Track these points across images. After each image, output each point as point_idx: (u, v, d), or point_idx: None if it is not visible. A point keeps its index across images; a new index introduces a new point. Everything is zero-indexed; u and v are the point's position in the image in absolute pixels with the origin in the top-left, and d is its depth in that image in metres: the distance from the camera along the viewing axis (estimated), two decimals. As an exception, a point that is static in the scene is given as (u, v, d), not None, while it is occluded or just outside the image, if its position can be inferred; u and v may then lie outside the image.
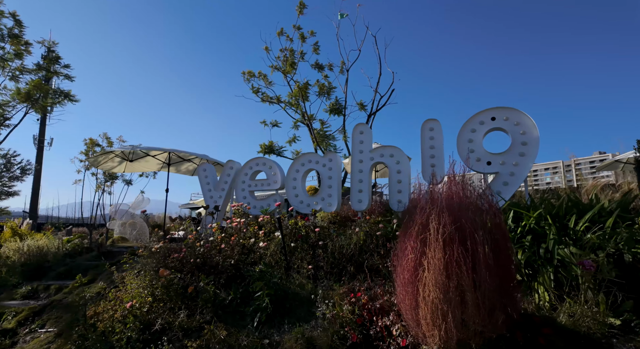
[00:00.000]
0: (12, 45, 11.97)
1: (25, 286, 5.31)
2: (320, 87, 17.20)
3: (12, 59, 12.24)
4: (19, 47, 12.10)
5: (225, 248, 4.01)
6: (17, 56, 12.20)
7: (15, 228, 9.57)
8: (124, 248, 6.78)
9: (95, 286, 4.93)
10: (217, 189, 6.39)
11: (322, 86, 17.15)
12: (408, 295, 1.99)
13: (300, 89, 17.33)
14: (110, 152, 11.78)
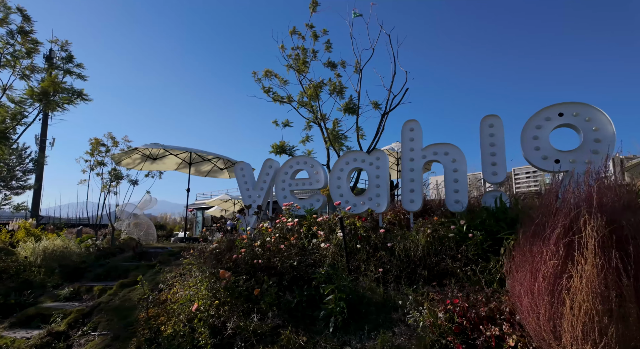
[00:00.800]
0: (23, 42, 11.87)
1: (67, 288, 5.20)
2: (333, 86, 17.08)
3: (24, 57, 12.17)
4: (28, 45, 12.01)
5: (284, 249, 3.85)
6: (27, 54, 12.13)
7: (29, 228, 9.46)
8: (160, 249, 6.66)
9: (141, 288, 4.80)
10: (255, 189, 6.24)
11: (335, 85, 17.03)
12: (543, 305, 1.80)
13: (314, 87, 17.22)
14: (133, 150, 11.71)
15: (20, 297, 5.02)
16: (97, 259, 6.51)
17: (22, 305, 4.86)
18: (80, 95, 14.29)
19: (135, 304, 4.38)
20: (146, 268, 5.48)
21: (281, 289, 3.65)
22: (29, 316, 4.53)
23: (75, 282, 5.55)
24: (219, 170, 13.77)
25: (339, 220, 3.82)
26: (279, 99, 19.52)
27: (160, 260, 5.77)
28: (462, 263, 3.42)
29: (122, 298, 4.62)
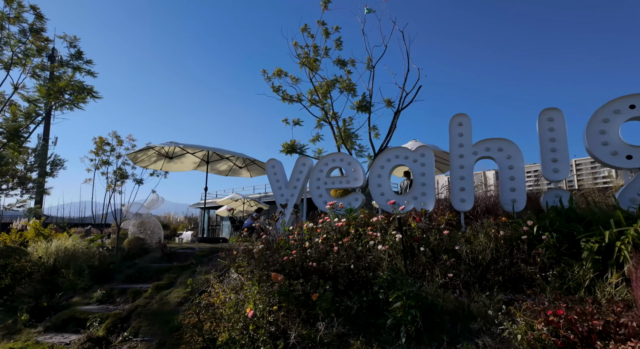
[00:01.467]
0: (34, 41, 11.73)
1: (99, 290, 5.00)
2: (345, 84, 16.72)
3: (35, 55, 12.04)
4: (39, 43, 11.87)
5: (337, 251, 3.60)
6: (38, 52, 11.99)
7: (39, 228, 9.34)
8: (189, 249, 6.46)
9: (177, 291, 4.59)
10: (288, 187, 6.00)
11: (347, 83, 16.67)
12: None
13: (327, 85, 16.89)
14: (149, 149, 11.55)
15: (52, 299, 4.84)
16: (123, 260, 6.32)
17: (54, 308, 4.67)
18: (90, 92, 14.17)
19: (175, 308, 4.17)
20: (179, 270, 5.27)
21: (337, 294, 3.41)
22: (64, 319, 4.34)
23: (106, 284, 5.36)
24: (238, 169, 13.57)
25: (397, 220, 3.56)
26: (288, 97, 19.27)
27: (193, 261, 5.57)
28: (537, 268, 3.14)
29: (159, 301, 4.41)
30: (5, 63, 11.50)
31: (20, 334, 4.24)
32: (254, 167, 13.67)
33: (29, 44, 11.68)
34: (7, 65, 11.53)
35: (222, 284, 4.53)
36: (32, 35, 11.71)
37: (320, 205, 5.65)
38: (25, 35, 11.69)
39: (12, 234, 9.04)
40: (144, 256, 6.58)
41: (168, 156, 12.10)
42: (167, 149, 11.82)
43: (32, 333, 4.20)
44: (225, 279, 4.65)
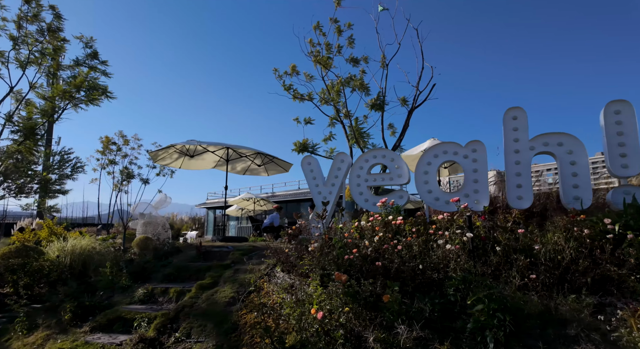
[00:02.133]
0: (51, 40, 11.68)
1: (140, 289, 4.89)
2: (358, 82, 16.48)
3: (52, 54, 12.01)
4: (56, 43, 11.81)
5: (400, 250, 3.42)
6: (55, 52, 11.94)
7: (52, 227, 9.42)
8: (224, 248, 6.33)
9: (224, 290, 4.45)
10: (326, 185, 5.83)
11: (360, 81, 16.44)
12: None
13: (341, 83, 16.68)
14: (171, 147, 11.48)
15: (93, 298, 4.74)
16: (157, 259, 6.22)
17: (97, 307, 4.58)
18: (105, 92, 14.11)
19: (225, 309, 4.03)
20: (220, 269, 5.14)
21: (405, 295, 3.24)
22: (110, 319, 4.24)
23: (144, 283, 5.25)
24: (256, 167, 13.45)
25: (467, 218, 3.37)
26: (299, 96, 19.09)
27: (233, 260, 5.44)
28: (626, 268, 2.94)
29: (206, 300, 4.27)
30: (21, 62, 11.49)
31: (66, 334, 4.14)
32: (272, 166, 13.54)
33: (45, 44, 11.66)
34: (23, 64, 11.52)
35: (270, 283, 4.40)
36: (50, 34, 11.68)
37: (361, 203, 5.48)
38: (43, 34, 11.66)
39: (26, 233, 9.13)
40: (176, 255, 6.48)
41: (189, 154, 12.03)
42: (187, 147, 11.74)
43: (79, 333, 4.10)
44: (272, 278, 4.51)
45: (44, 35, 11.63)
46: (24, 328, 4.41)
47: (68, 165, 15.60)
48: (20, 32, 11.12)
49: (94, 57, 13.28)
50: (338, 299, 3.11)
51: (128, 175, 19.85)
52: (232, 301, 4.20)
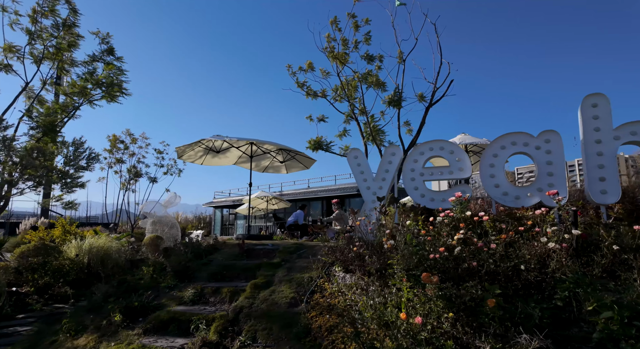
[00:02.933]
0: (65, 35, 11.49)
1: (189, 289, 4.63)
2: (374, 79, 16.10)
3: (66, 50, 11.84)
4: (72, 39, 11.63)
5: (495, 249, 3.09)
6: (69, 47, 11.76)
7: (66, 226, 9.32)
8: (268, 245, 6.06)
9: (281, 290, 4.17)
10: (376, 180, 5.51)
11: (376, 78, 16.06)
12: None
13: (359, 79, 16.29)
14: (197, 143, 11.27)
15: (140, 298, 4.49)
16: (197, 258, 5.97)
17: (146, 308, 4.33)
18: (120, 88, 13.90)
19: (288, 310, 3.75)
20: (270, 267, 4.86)
21: (505, 299, 2.91)
22: (163, 321, 3.98)
23: (190, 282, 5.00)
24: (279, 163, 13.18)
25: (572, 213, 3.02)
26: (312, 93, 18.72)
27: (282, 258, 5.16)
28: None
29: (264, 301, 3.99)
30: (35, 57, 11.34)
31: (118, 336, 3.90)
32: (292, 163, 13.24)
33: (61, 39, 11.49)
34: (38, 60, 11.38)
35: (331, 284, 4.10)
36: (65, 29, 11.49)
37: (416, 198, 5.15)
38: (58, 29, 11.48)
39: (40, 232, 9.01)
40: (216, 253, 6.22)
41: (215, 150, 11.81)
42: (214, 142, 11.51)
43: (132, 336, 3.85)
44: (333, 278, 4.21)
45: (59, 30, 11.47)
46: (71, 329, 4.18)
47: (83, 156, 15.46)
48: (35, 26, 10.98)
49: (109, 53, 13.10)
50: (432, 303, 2.79)
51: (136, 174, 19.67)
52: (294, 302, 3.91)
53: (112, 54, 13.00)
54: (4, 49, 11.08)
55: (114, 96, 13.42)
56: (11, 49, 11.19)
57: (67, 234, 10.08)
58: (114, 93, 13.19)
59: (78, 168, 15.43)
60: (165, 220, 9.74)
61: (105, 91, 13.03)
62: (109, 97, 13.31)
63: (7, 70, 11.47)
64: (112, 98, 13.44)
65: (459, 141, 11.00)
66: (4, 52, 11.14)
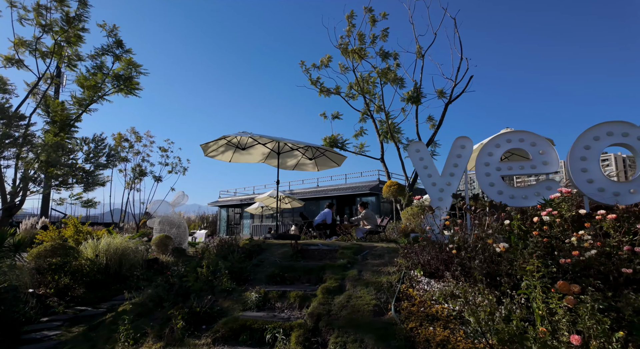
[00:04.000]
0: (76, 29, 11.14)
1: (249, 292, 4.25)
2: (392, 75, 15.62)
3: (76, 42, 11.52)
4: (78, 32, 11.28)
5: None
6: (78, 39, 11.42)
7: (78, 225, 9.20)
8: (322, 246, 5.65)
9: (359, 296, 3.76)
10: (443, 175, 5.08)
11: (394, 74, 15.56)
12: None
13: (379, 74, 15.78)
14: (222, 138, 10.89)
15: (200, 303, 4.12)
16: (246, 258, 5.59)
17: (209, 315, 3.95)
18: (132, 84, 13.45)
19: (375, 318, 3.34)
20: (337, 269, 4.46)
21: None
22: (233, 329, 3.60)
23: (247, 285, 4.62)
24: (308, 161, 12.76)
25: None
26: (326, 90, 18.23)
27: (349, 260, 4.75)
28: None
29: (343, 308, 3.59)
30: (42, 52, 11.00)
31: (183, 346, 3.52)
32: (322, 160, 12.83)
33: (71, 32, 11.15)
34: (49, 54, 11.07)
35: (416, 290, 3.69)
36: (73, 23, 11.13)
37: (492, 195, 4.71)
38: (69, 22, 11.13)
39: (50, 231, 8.80)
40: (263, 253, 5.84)
41: (240, 146, 11.44)
42: (239, 139, 11.15)
43: (200, 345, 3.47)
44: (416, 284, 3.80)
45: (70, 23, 11.13)
46: (129, 337, 3.82)
47: (103, 153, 15.10)
48: (46, 20, 10.66)
49: (119, 46, 12.69)
50: (589, 317, 2.36)
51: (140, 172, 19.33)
52: (378, 310, 3.50)
53: (121, 46, 12.62)
54: (15, 43, 10.76)
55: (131, 90, 13.09)
56: (23, 43, 10.86)
57: (79, 234, 9.87)
58: (132, 87, 12.86)
59: (98, 166, 15.09)
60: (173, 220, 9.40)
61: (123, 84, 12.71)
62: (125, 91, 12.99)
63: (19, 66, 11.18)
64: (130, 92, 13.12)
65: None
66: (15, 47, 10.83)
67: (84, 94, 12.48)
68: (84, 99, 12.62)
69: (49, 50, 11.25)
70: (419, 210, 15.93)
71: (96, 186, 14.98)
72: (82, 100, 12.52)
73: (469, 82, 13.83)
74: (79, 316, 5.23)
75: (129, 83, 12.88)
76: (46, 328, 4.71)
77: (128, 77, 12.92)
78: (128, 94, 13.46)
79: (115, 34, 12.26)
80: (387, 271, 4.19)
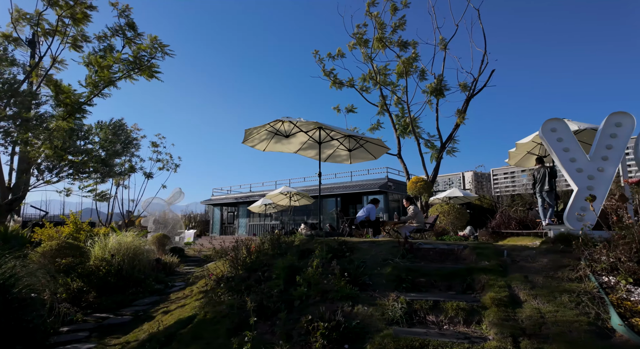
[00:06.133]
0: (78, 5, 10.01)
1: (381, 301, 3.31)
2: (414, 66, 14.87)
3: (82, 20, 10.41)
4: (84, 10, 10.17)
5: None
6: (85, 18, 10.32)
7: (79, 223, 8.74)
8: (434, 246, 4.74)
9: (552, 311, 2.86)
10: (593, 159, 4.20)
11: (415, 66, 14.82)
12: None
13: (404, 64, 14.91)
14: (265, 126, 9.88)
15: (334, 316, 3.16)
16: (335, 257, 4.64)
17: (349, 329, 3.00)
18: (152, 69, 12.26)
19: (598, 342, 2.44)
20: (489, 273, 3.55)
21: None
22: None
23: (368, 290, 3.68)
24: (344, 152, 11.79)
25: None
26: (339, 82, 17.28)
27: (496, 262, 3.83)
28: None
29: (540, 325, 2.70)
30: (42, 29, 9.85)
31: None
32: (358, 152, 11.86)
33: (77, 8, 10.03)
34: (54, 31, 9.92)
35: (631, 302, 2.79)
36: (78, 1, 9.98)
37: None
38: None
39: (47, 229, 8.30)
40: (354, 253, 4.90)
41: (282, 134, 10.44)
42: (282, 125, 10.14)
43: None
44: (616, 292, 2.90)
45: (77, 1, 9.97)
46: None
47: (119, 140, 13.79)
48: None
49: (131, 28, 11.52)
50: None
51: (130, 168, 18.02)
52: (597, 330, 2.60)
53: (133, 28, 11.45)
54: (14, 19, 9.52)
55: (153, 73, 11.94)
56: (23, 16, 9.63)
57: (79, 232, 9.15)
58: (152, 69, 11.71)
59: (112, 154, 13.83)
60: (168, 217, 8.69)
61: (146, 67, 11.57)
62: (147, 73, 11.84)
63: (17, 45, 9.99)
64: (151, 74, 11.98)
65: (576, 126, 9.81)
66: (13, 23, 9.62)
67: (99, 75, 11.23)
68: (100, 79, 11.38)
69: (51, 29, 10.02)
70: (450, 207, 15.14)
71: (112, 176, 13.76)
72: (96, 82, 11.27)
73: (491, 76, 13.34)
74: (104, 325, 4.58)
75: (152, 65, 11.74)
76: (74, 339, 4.11)
77: (151, 57, 11.73)
78: (150, 77, 12.30)
79: (127, 14, 11.08)
80: (565, 276, 3.30)
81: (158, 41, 11.37)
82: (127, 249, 6.38)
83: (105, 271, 5.65)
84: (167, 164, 17.27)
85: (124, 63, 11.01)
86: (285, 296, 3.88)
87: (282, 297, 3.86)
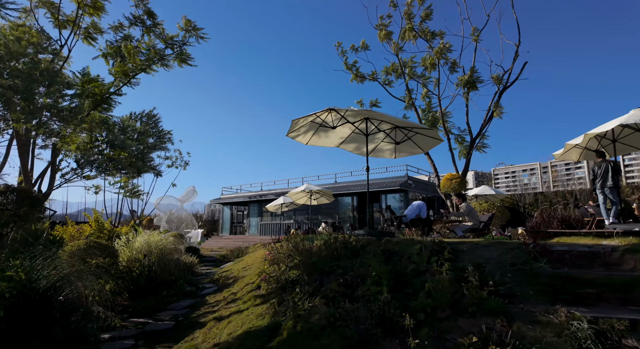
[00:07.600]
0: None
1: (558, 316, 2.66)
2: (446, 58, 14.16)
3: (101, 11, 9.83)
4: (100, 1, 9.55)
5: None
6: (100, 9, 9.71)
7: (100, 221, 8.55)
8: (571, 247, 4.06)
9: None
10: None
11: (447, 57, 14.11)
12: None
13: (436, 53, 14.16)
14: (311, 116, 9.19)
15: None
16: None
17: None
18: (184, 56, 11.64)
19: None
20: None
21: None
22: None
23: (515, 302, 3.03)
24: (388, 145, 11.01)
25: None
26: (360, 76, 16.47)
27: None
28: None
29: None
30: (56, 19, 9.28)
31: None
32: (405, 146, 11.06)
33: None
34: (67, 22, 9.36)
35: None
36: None
37: None
38: None
39: (69, 228, 8.19)
40: (462, 258, 4.25)
41: (327, 125, 9.76)
42: (328, 115, 9.46)
43: None
44: None
45: None
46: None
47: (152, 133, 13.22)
48: None
49: (150, 17, 10.86)
50: None
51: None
52: None
53: (152, 17, 10.82)
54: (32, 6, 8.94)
55: (185, 59, 11.31)
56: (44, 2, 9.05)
57: (102, 232, 8.67)
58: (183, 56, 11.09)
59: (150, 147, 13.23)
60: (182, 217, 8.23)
61: (178, 54, 10.95)
62: (180, 59, 11.22)
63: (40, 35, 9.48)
64: (184, 60, 11.36)
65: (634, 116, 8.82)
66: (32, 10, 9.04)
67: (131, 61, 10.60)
68: (131, 69, 10.78)
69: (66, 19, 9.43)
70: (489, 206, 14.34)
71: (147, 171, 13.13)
72: (127, 70, 10.65)
73: (523, 68, 12.82)
74: (146, 332, 4.21)
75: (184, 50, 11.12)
76: (124, 348, 3.78)
77: (183, 42, 11.08)
78: (183, 64, 11.68)
79: (145, 3, 10.47)
80: None
81: (192, 24, 10.73)
82: (158, 249, 6.02)
83: (139, 272, 5.43)
84: (176, 161, 16.69)
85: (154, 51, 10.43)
86: (396, 305, 3.25)
87: (400, 308, 3.24)
